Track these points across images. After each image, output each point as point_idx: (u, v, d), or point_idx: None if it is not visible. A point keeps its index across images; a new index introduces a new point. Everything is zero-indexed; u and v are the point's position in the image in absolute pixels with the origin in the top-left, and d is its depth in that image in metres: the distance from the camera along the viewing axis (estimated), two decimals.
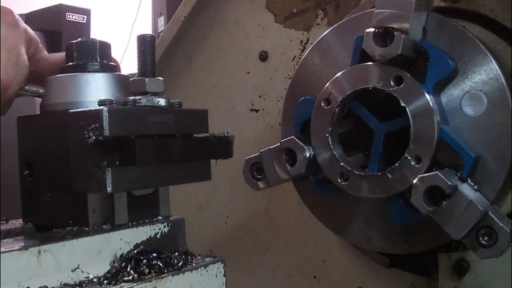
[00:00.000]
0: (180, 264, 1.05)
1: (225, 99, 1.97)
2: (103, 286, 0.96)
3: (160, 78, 1.12)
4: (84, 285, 0.95)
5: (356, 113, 1.35)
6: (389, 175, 1.25)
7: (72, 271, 0.96)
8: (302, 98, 1.42)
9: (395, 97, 1.25)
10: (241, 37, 1.94)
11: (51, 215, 1.11)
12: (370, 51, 1.26)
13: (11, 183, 1.59)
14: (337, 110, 1.33)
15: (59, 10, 5.06)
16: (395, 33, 1.22)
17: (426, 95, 1.23)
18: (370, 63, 1.28)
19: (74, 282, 0.95)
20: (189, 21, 1.99)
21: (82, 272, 0.97)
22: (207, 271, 1.09)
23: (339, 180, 1.32)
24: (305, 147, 1.36)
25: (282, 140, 1.39)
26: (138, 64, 1.12)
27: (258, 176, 1.42)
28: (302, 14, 1.82)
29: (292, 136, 1.39)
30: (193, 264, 1.08)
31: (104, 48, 1.19)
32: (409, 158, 1.23)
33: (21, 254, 0.90)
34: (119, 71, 1.21)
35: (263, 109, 1.91)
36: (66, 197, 1.07)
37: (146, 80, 1.09)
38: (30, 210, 1.15)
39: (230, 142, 1.20)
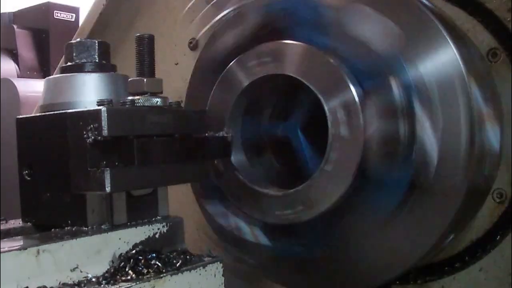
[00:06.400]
0: (178, 264, 1.06)
1: None
2: (102, 285, 0.96)
3: (159, 78, 1.12)
4: (82, 284, 0.96)
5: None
6: (294, 195, 1.05)
7: (71, 271, 0.96)
8: None
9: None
10: (170, 22, 1.67)
11: (50, 215, 1.11)
12: None
13: (11, 183, 1.59)
14: (244, 98, 1.15)
15: (47, 8, 4.99)
16: None
17: (352, 88, 0.94)
18: (290, 41, 1.01)
19: (73, 282, 0.96)
20: (113, 5, 1.70)
21: (81, 272, 0.97)
22: (205, 270, 1.09)
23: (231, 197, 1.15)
24: None
25: None
26: (136, 64, 1.12)
27: None
28: None
29: None
30: (192, 264, 1.08)
31: (103, 48, 1.19)
32: (325, 170, 1.04)
33: (20, 253, 0.90)
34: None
35: None
36: (65, 197, 1.08)
37: (144, 80, 1.09)
38: (30, 210, 1.15)
39: (228, 142, 1.20)
